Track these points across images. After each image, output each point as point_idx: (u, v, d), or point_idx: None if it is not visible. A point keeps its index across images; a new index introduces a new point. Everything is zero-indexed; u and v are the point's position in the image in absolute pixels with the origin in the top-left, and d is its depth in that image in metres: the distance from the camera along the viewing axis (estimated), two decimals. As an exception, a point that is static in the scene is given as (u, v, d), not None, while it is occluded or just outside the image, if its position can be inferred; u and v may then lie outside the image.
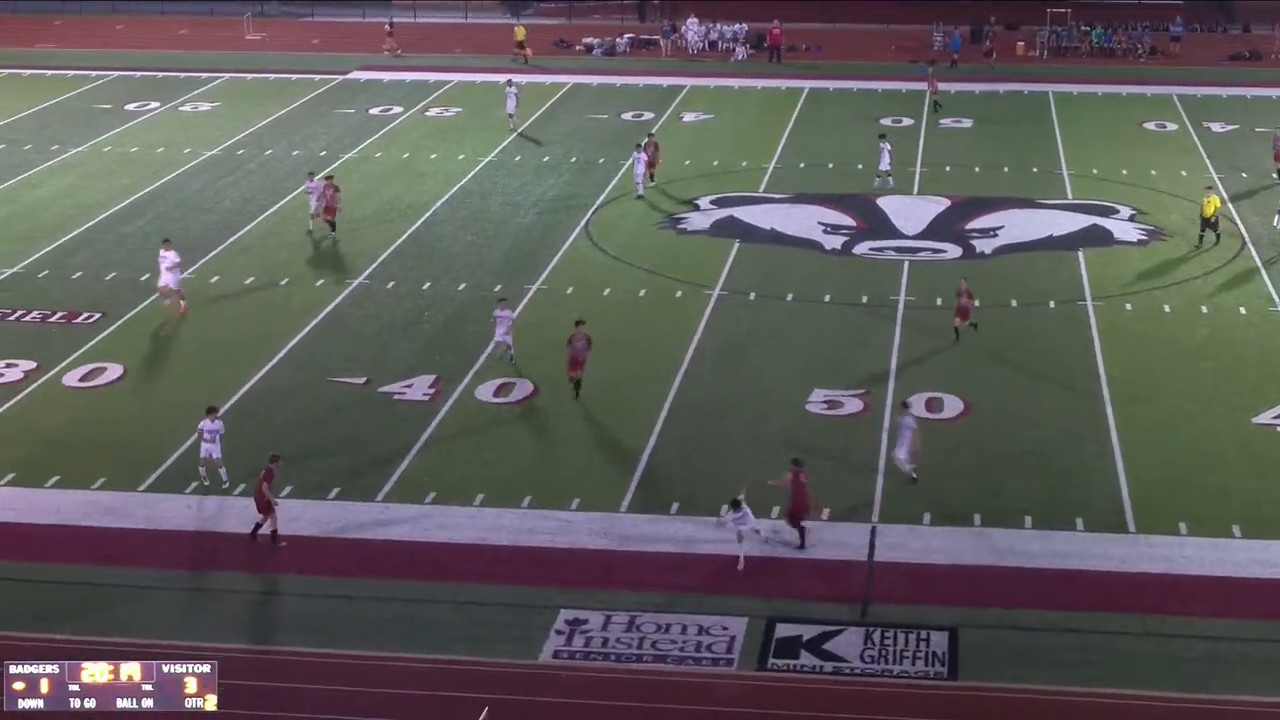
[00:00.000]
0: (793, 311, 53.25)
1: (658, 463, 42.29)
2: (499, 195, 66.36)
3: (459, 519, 39.29)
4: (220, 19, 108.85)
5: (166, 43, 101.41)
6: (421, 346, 50.27)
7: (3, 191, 67.13)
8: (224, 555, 37.74)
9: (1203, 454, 42.71)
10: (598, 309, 53.21)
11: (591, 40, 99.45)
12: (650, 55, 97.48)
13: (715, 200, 65.71)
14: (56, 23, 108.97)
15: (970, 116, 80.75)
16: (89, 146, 74.68)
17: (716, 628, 34.35)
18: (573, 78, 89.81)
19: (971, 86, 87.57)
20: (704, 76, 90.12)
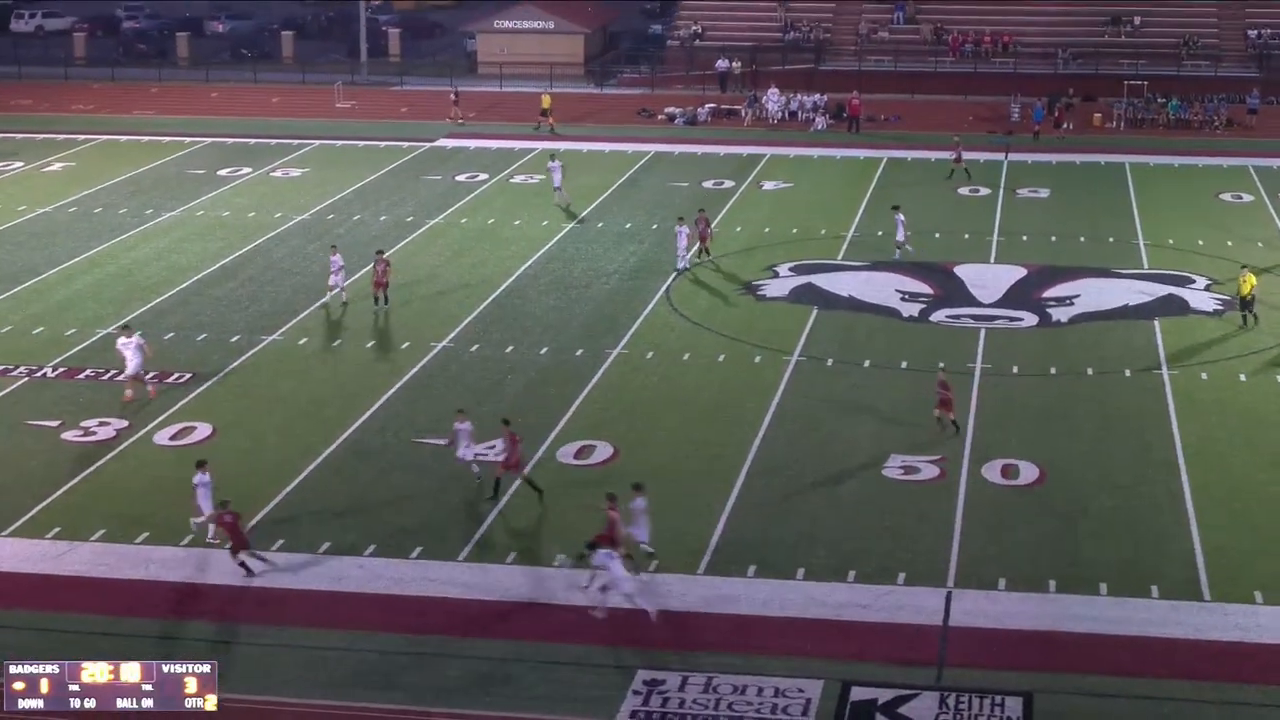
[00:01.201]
0: (870, 377, 53.10)
1: (735, 526, 42.18)
2: (581, 261, 66.56)
3: (540, 579, 39.23)
4: (311, 88, 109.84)
5: (259, 110, 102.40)
6: (504, 409, 50.31)
7: (99, 254, 67.84)
8: (291, 611, 37.85)
9: (1278, 523, 42.24)
10: (677, 373, 53.28)
11: (674, 110, 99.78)
12: (731, 125, 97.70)
13: (794, 267, 65.70)
14: (153, 90, 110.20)
15: (1047, 186, 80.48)
16: (182, 210, 75.39)
17: (792, 690, 34.16)
18: (655, 146, 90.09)
19: (1049, 157, 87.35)
20: (784, 146, 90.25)
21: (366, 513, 42.15)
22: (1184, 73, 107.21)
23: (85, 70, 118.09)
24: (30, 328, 57.59)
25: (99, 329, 57.63)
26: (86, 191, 79.08)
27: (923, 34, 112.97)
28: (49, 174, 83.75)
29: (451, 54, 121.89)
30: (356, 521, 42.00)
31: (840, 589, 38.63)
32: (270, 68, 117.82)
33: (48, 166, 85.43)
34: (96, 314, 59.46)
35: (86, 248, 68.72)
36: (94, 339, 56.61)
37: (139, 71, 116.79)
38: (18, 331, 57.25)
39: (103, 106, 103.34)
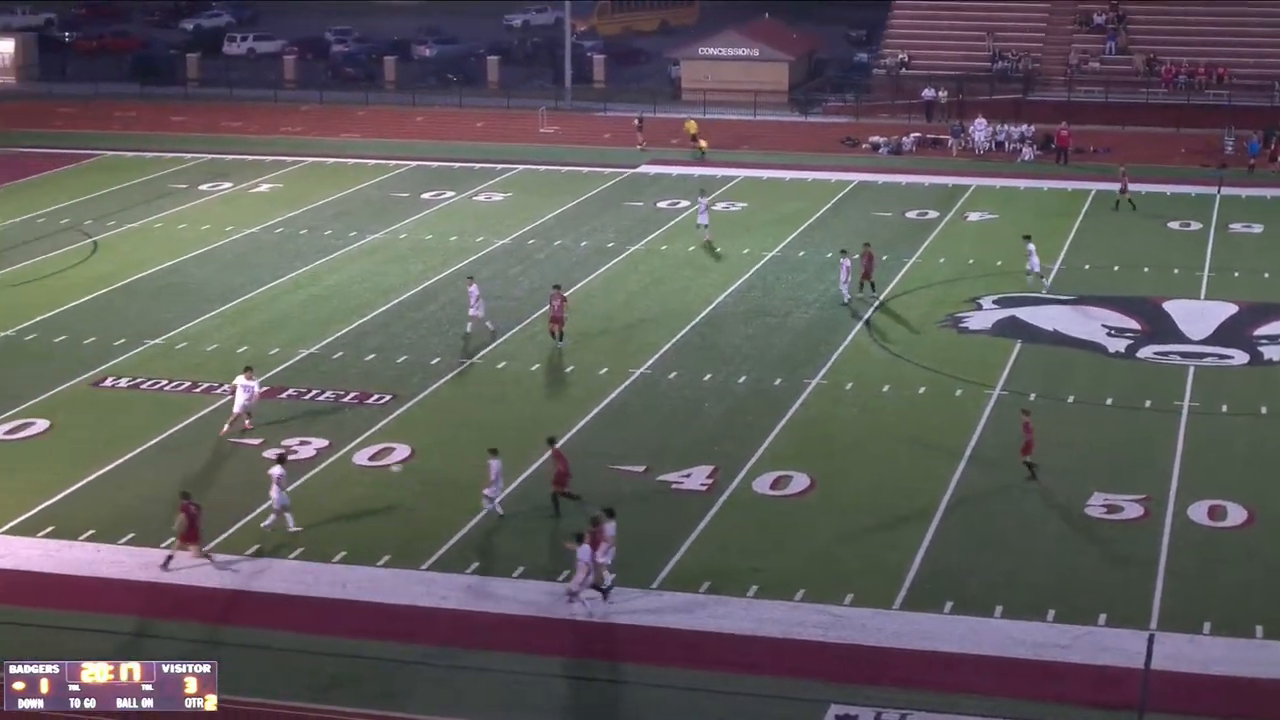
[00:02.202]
0: (1074, 413, 52.41)
1: (932, 560, 41.82)
2: (782, 290, 66.44)
3: (732, 609, 39.22)
4: (515, 112, 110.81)
5: (463, 134, 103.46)
6: (701, 437, 50.40)
7: (303, 275, 68.96)
8: (494, 635, 38.10)
9: None
10: (877, 404, 53.00)
11: (878, 139, 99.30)
12: (936, 155, 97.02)
13: (998, 300, 65.07)
14: (360, 113, 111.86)
15: (1261, 222, 78.90)
16: (386, 233, 76.41)
17: (988, 730, 33.83)
18: (858, 175, 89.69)
19: (1264, 191, 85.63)
20: (990, 176, 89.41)
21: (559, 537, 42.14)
22: None
23: (294, 93, 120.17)
24: (235, 346, 58.67)
25: (301, 349, 58.56)
26: (293, 213, 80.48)
27: (1134, 64, 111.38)
28: (257, 195, 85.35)
29: (655, 81, 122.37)
30: (547, 545, 42.15)
31: (1039, 628, 38.16)
32: (475, 92, 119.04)
33: (256, 188, 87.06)
34: (300, 334, 60.45)
35: (291, 268, 69.92)
36: (296, 359, 57.55)
37: (346, 95, 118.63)
38: (223, 350, 58.37)
39: (311, 129, 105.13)
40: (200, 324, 61.73)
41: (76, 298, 65.33)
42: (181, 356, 58.00)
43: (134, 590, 40.43)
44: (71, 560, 42.03)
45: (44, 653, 35.60)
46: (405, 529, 43.79)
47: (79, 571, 41.46)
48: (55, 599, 39.90)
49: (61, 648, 36.62)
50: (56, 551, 42.49)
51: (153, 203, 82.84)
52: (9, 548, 42.68)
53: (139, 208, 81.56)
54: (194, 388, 54.58)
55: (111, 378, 55.76)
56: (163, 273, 69.32)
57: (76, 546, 42.76)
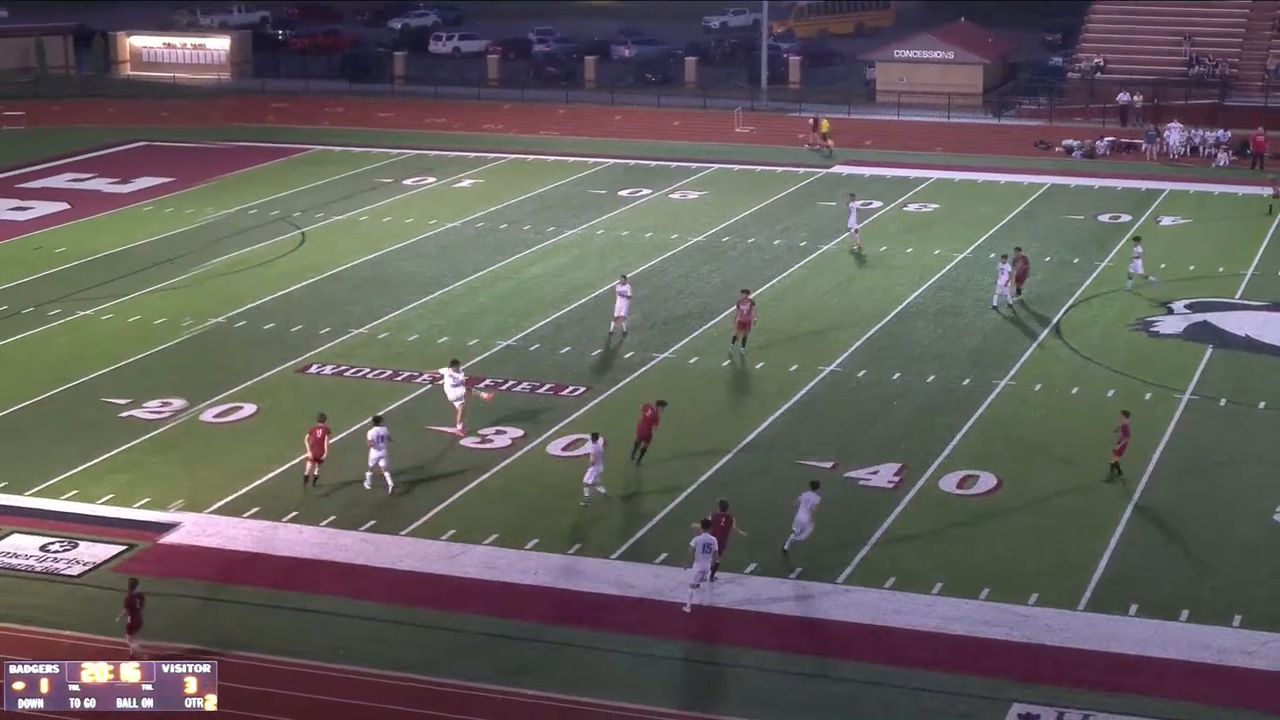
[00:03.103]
0: (1265, 420, 51.47)
1: (1118, 562, 41.33)
2: (972, 291, 65.91)
3: (916, 606, 39.05)
4: (711, 112, 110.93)
5: (660, 133, 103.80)
6: (889, 434, 50.20)
7: (502, 268, 69.62)
8: (672, 624, 38.24)
9: None
10: (1065, 407, 52.44)
11: (1071, 142, 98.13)
12: (1130, 159, 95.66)
13: (1190, 305, 64.06)
14: (561, 111, 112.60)
15: None
16: (583, 229, 76.89)
17: (1171, 733, 33.37)
18: (1051, 178, 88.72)
19: None
20: (1184, 181, 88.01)
21: (748, 531, 42.03)
22: None
23: (497, 91, 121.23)
24: (436, 336, 59.38)
25: (500, 340, 59.13)
26: (493, 208, 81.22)
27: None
28: (459, 190, 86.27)
29: (850, 82, 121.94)
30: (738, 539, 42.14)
31: (1225, 633, 37.57)
32: (673, 92, 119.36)
33: (458, 183, 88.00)
34: (498, 326, 61.04)
35: (490, 262, 70.60)
36: (494, 350, 58.13)
37: (547, 93, 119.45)
38: (424, 340, 59.10)
39: (512, 126, 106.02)
40: (402, 314, 62.55)
41: (284, 287, 66.51)
42: (383, 345, 58.82)
43: (332, 570, 41.11)
44: (274, 540, 42.86)
45: (242, 628, 36.58)
46: (598, 519, 44.05)
47: (279, 551, 42.28)
48: (261, 578, 40.73)
49: (265, 624, 37.56)
50: (261, 532, 43.34)
51: (359, 196, 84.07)
52: (216, 527, 43.60)
53: (346, 201, 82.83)
54: (395, 376, 55.33)
55: (316, 365, 56.70)
56: (367, 264, 70.33)
57: (280, 527, 43.59)
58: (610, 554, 41.78)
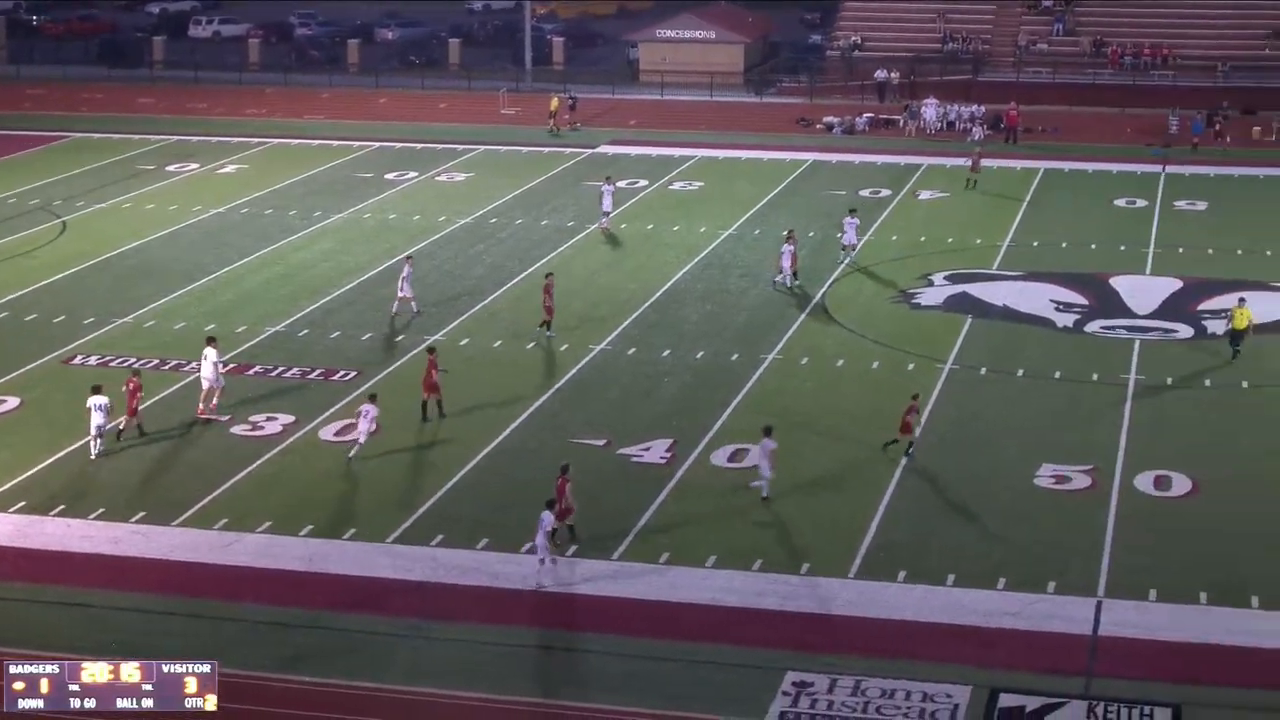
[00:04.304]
0: (1023, 387, 52.59)
1: (887, 530, 41.95)
2: (738, 267, 66.49)
3: (691, 579, 39.27)
4: (477, 94, 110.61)
5: (426, 115, 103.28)
6: (660, 411, 50.44)
7: (269, 254, 68.77)
8: (457, 605, 38.10)
9: None
10: (831, 379, 53.10)
11: (832, 119, 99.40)
12: (889, 135, 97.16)
13: (949, 276, 65.22)
14: (324, 95, 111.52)
15: (1205, 199, 79.30)
16: (350, 213, 76.21)
17: (941, 695, 33.89)
18: (812, 155, 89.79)
19: (1207, 170, 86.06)
20: (941, 156, 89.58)
21: (523, 510, 42.23)
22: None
23: (259, 75, 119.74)
24: (203, 324, 58.41)
25: (268, 326, 58.41)
26: (258, 194, 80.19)
27: (1082, 46, 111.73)
28: (223, 176, 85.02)
29: (613, 62, 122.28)
30: (515, 518, 42.14)
31: (990, 596, 38.33)
32: (438, 74, 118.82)
33: (222, 169, 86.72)
34: (266, 312, 60.27)
35: (257, 248, 69.68)
36: (263, 336, 57.40)
37: (311, 77, 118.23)
38: (191, 328, 58.09)
39: (275, 111, 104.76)
40: (168, 302, 61.49)
41: (46, 277, 65.03)
42: (149, 334, 57.79)
43: (101, 563, 40.30)
44: (41, 534, 41.87)
45: (10, 623, 35.77)
46: (371, 503, 43.73)
47: (47, 545, 41.29)
48: (27, 572, 39.75)
49: (31, 618, 36.71)
50: (27, 525, 42.32)
51: (121, 183, 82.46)
52: (-19, 523, 42.57)
53: (107, 188, 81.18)
54: (162, 365, 54.35)
55: (81, 355, 55.52)
56: (131, 252, 69.04)
57: (47, 521, 42.60)
58: (386, 538, 41.47)
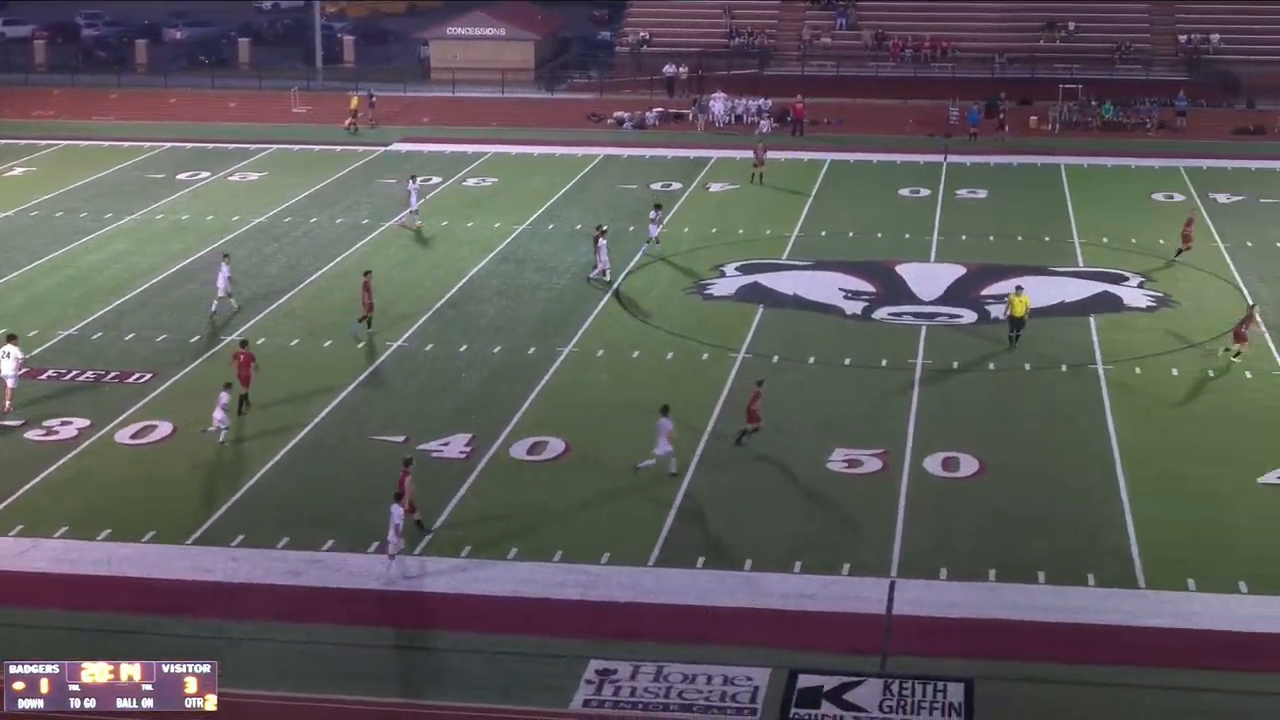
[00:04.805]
0: (814, 374, 53.17)
1: (684, 518, 42.18)
2: (533, 262, 66.48)
3: (493, 572, 39.20)
4: (268, 93, 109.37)
5: (217, 115, 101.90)
6: (458, 406, 50.28)
7: (60, 257, 67.42)
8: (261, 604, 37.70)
9: (1210, 513, 42.50)
10: (627, 370, 53.27)
11: (622, 114, 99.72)
12: (678, 129, 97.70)
13: (740, 267, 65.74)
14: (113, 96, 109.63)
15: (985, 187, 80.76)
16: (142, 214, 74.99)
17: (741, 678, 34.18)
18: (604, 150, 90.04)
19: (987, 159, 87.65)
20: (730, 149, 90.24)
21: (322, 508, 41.96)
22: (1117, 76, 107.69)
23: (46, 76, 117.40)
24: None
25: (60, 330, 57.28)
26: (47, 196, 78.56)
27: (864, 39, 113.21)
28: (10, 179, 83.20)
29: (404, 60, 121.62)
30: (314, 516, 41.82)
31: (787, 579, 38.71)
32: (227, 74, 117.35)
33: (9, 171, 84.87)
34: (58, 315, 59.09)
35: (48, 251, 68.27)
36: (55, 340, 56.26)
37: (99, 78, 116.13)
38: (-20, 333, 56.85)
39: (63, 112, 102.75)
40: (-44, 308, 60.17)
41: None
42: (-62, 341, 56.45)
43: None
44: None
45: None
46: (170, 505, 43.07)
47: None
48: None
49: None
50: None
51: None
52: None
53: (-110, 193, 79.15)
54: (-48, 371, 53.07)
55: None
56: (-84, 258, 67.41)
57: None
58: (185, 540, 40.88)
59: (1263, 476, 44.65)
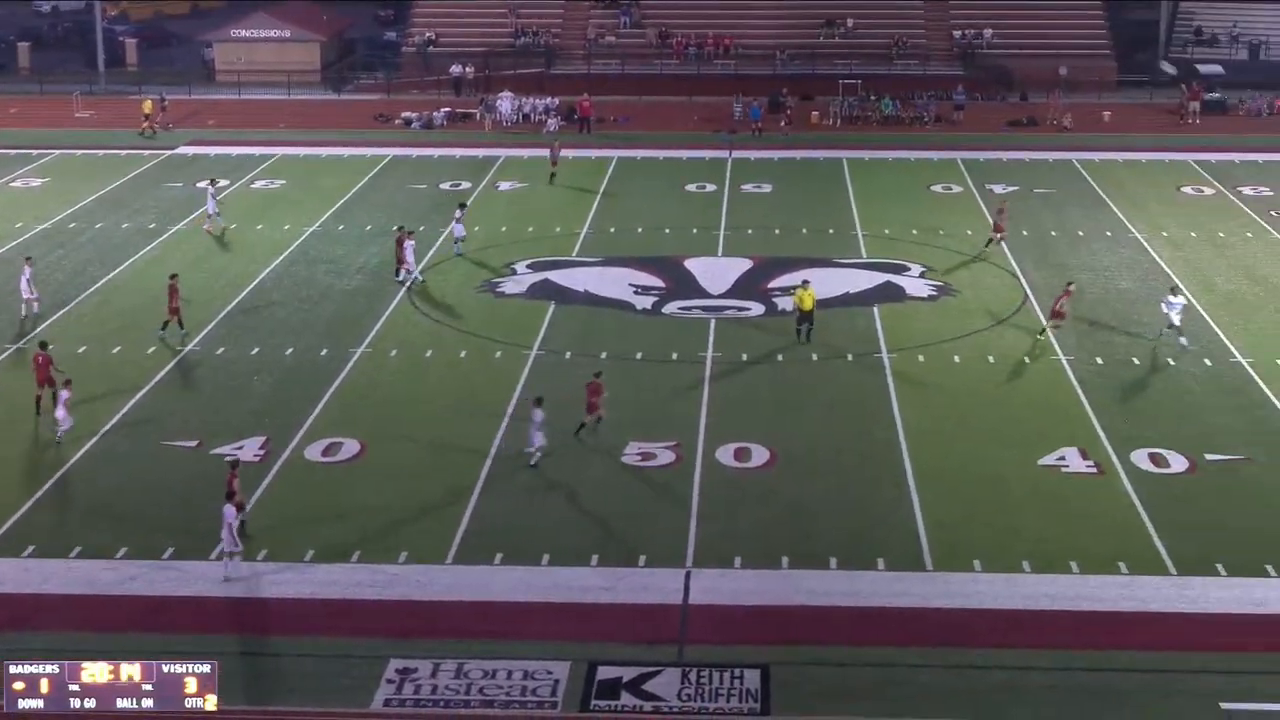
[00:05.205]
0: (607, 369, 53.26)
1: (481, 515, 42.13)
2: (324, 263, 65.92)
3: (290, 575, 38.84)
4: (49, 98, 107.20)
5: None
6: (252, 409, 49.72)
7: None
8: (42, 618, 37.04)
9: (993, 495, 43.37)
10: (421, 370, 53.06)
11: (410, 114, 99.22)
12: (467, 128, 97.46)
13: (531, 265, 65.76)
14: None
15: (770, 182, 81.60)
16: (-78, 222, 73.24)
17: (541, 672, 34.23)
18: (392, 150, 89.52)
19: (771, 154, 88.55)
20: (518, 148, 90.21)
21: (116, 515, 41.30)
22: (895, 72, 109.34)
23: None
24: None
25: None
26: None
27: (648, 38, 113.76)
28: None
29: (188, 63, 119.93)
30: (107, 524, 41.15)
31: (585, 573, 38.83)
32: (6, 79, 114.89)
33: None
34: None
35: None
36: None
37: None
38: None
39: None
40: None
41: None
42: None
43: None
44: None
45: None
46: (-43, 516, 42.20)
47: None
48: None
49: None
50: None
51: None
52: None
53: None
54: None
55: None
56: None
57: None
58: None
59: (1042, 458, 45.68)
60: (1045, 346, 54.88)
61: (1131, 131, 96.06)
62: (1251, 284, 62.78)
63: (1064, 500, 43.05)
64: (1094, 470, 45.03)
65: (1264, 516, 42.13)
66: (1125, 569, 39.12)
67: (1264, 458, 45.91)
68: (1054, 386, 51.61)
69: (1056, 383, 51.93)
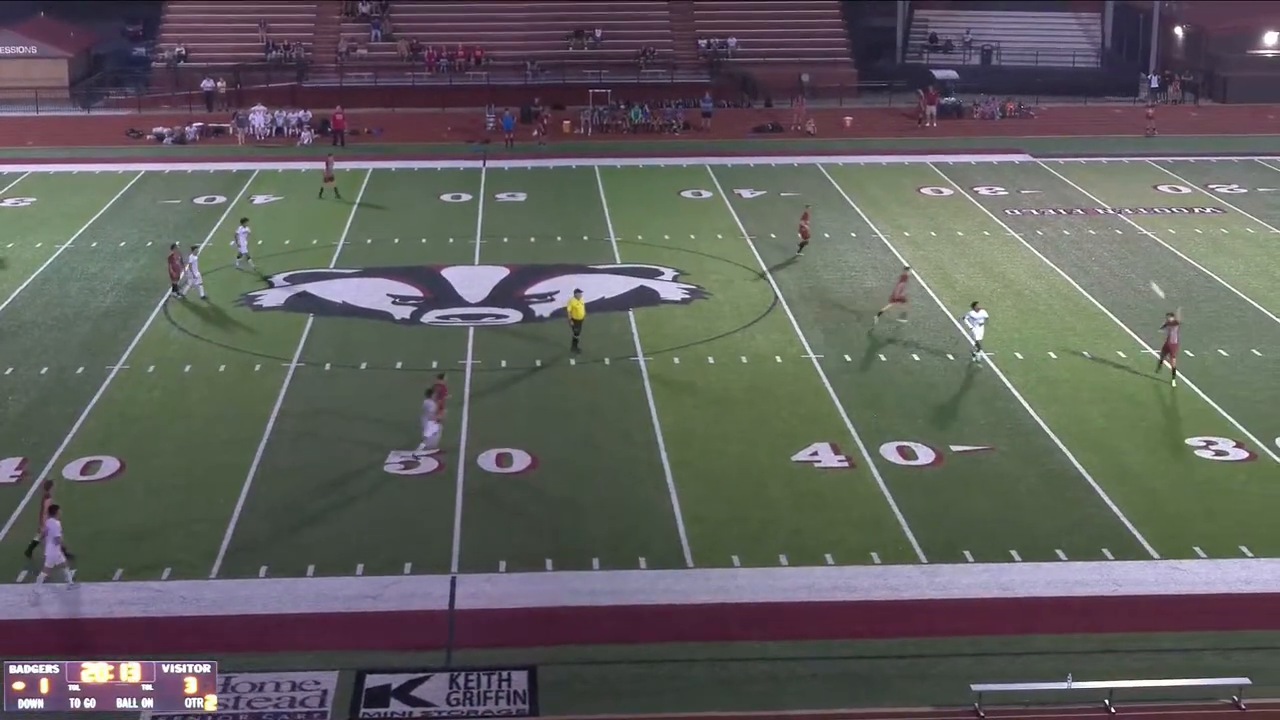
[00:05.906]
0: (367, 379, 53.00)
1: (245, 529, 41.58)
2: (77, 280, 64.53)
3: (52, 595, 37.98)
4: None
5: None
6: (8, 429, 48.51)
7: None
8: None
9: (750, 492, 43.90)
10: (180, 385, 52.22)
11: (162, 130, 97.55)
12: (220, 142, 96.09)
13: (289, 277, 65.05)
14: None
15: (524, 190, 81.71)
16: None
17: (309, 683, 33.91)
18: (145, 165, 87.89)
19: (524, 163, 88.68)
20: (272, 161, 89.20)
21: None
22: (644, 80, 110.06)
23: None
24: None
25: None
26: None
27: (400, 49, 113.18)
28: None
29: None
30: None
31: (351, 582, 38.55)
32: None
33: None
34: None
35: None
36: None
37: None
38: None
39: None
40: None
41: None
42: None
43: None
44: None
45: None
46: None
47: None
48: None
49: None
50: None
51: None
52: None
53: None
54: None
55: None
56: None
57: None
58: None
59: (795, 454, 46.36)
60: (798, 345, 55.74)
61: (872, 135, 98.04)
62: (989, 280, 64.36)
63: (818, 494, 43.74)
64: (845, 464, 45.83)
65: (1008, 503, 43.27)
66: (878, 559, 39.90)
67: (1006, 446, 47.15)
68: (805, 384, 52.40)
69: (807, 380, 52.73)
